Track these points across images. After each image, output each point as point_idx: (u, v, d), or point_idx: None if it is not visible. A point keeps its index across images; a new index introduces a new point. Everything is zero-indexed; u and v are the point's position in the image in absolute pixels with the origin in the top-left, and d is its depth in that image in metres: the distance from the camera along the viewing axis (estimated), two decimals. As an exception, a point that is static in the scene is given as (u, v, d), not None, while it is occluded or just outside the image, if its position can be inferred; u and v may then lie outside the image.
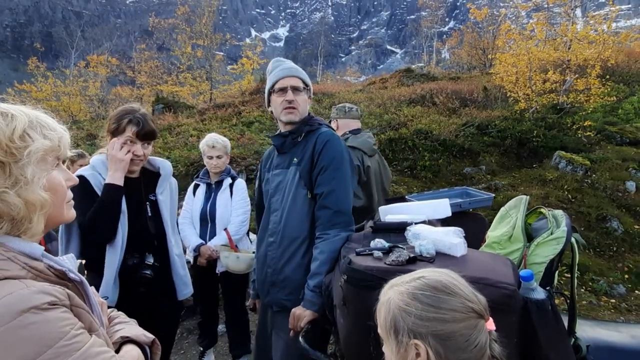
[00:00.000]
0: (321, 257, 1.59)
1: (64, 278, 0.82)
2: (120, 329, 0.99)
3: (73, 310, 0.77)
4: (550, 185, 7.08)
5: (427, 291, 0.85)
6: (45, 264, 0.79)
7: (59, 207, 0.85)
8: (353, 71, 57.69)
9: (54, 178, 0.83)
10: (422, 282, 0.87)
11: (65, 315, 0.73)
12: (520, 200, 1.66)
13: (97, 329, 0.82)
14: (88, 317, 0.81)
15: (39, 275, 0.77)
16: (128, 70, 26.04)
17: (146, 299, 1.76)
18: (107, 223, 1.70)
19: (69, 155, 0.89)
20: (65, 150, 0.86)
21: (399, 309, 0.85)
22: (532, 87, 9.91)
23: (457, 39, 28.14)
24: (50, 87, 18.43)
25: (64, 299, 0.75)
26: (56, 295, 0.74)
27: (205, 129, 10.96)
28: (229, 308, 3.07)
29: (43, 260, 0.80)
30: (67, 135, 0.87)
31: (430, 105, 12.39)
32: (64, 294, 0.76)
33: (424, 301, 0.83)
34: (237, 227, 2.90)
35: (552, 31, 11.56)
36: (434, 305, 0.83)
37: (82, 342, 0.74)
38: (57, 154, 0.84)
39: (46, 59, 31.61)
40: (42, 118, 0.83)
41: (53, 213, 0.83)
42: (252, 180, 7.25)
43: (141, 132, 1.78)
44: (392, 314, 0.86)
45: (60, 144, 0.84)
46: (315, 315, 1.55)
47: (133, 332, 0.98)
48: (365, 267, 1.27)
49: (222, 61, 23.72)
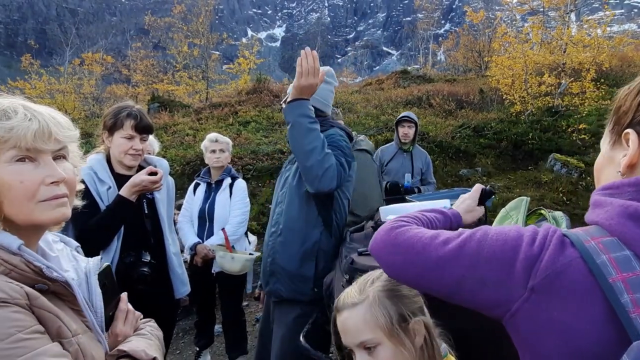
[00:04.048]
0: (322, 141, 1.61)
1: (43, 275, 0.75)
2: (126, 342, 0.94)
3: (34, 312, 0.71)
4: (545, 187, 7.14)
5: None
6: (23, 259, 0.73)
7: (19, 205, 0.76)
8: (349, 72, 57.78)
9: (3, 173, 0.74)
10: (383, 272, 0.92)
11: (15, 316, 0.66)
12: (521, 202, 1.66)
13: (67, 337, 0.75)
14: (56, 321, 0.74)
15: (13, 269, 0.71)
16: (123, 68, 25.86)
17: (144, 298, 1.74)
18: (111, 233, 1.70)
19: (48, 148, 0.79)
20: (24, 141, 0.75)
21: (391, 299, 0.88)
22: (527, 89, 9.99)
23: (453, 41, 28.28)
24: (44, 84, 18.20)
25: (19, 297, 0.68)
26: (8, 292, 0.67)
27: (201, 129, 10.91)
28: (225, 308, 3.05)
29: (23, 255, 0.74)
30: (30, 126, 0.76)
31: (427, 106, 12.45)
32: (19, 292, 0.69)
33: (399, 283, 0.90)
34: (235, 227, 2.89)
35: (547, 35, 11.66)
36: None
37: (29, 347, 0.65)
38: (11, 145, 0.74)
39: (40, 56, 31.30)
40: (8, 108, 0.75)
41: (11, 211, 0.75)
42: (249, 180, 7.23)
43: (139, 126, 1.78)
44: (388, 307, 0.87)
45: (9, 135, 0.74)
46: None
47: (133, 347, 0.91)
48: (368, 267, 1.27)
49: (218, 60, 23.65)
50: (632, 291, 0.55)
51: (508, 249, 0.65)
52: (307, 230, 1.71)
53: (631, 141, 0.64)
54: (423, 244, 0.73)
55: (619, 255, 0.59)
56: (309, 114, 1.57)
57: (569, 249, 0.62)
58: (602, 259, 0.59)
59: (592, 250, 0.61)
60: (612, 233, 0.62)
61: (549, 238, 0.64)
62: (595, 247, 0.61)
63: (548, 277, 0.61)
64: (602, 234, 0.63)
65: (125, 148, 1.76)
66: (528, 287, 0.62)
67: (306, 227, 1.71)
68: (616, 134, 0.69)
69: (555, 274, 0.60)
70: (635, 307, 0.54)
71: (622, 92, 0.70)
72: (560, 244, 0.63)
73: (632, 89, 0.67)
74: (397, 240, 0.77)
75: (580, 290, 0.59)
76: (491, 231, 0.69)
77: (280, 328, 1.74)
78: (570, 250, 0.62)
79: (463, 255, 0.68)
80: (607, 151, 0.72)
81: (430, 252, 0.71)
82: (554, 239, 0.64)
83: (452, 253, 0.69)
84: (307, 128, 1.55)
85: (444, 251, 0.70)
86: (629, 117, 0.66)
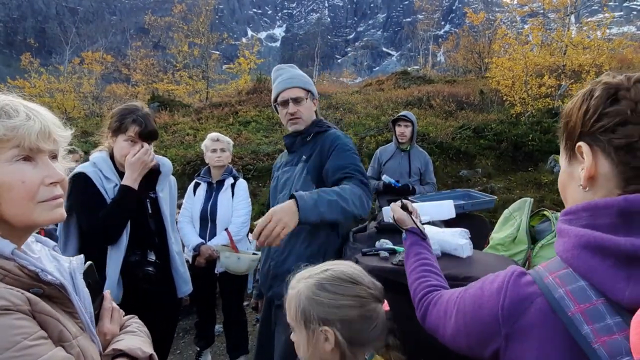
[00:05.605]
0: (329, 190, 1.52)
1: (38, 279, 0.74)
2: (119, 340, 0.92)
3: (36, 317, 0.70)
4: (545, 188, 7.15)
5: (334, 281, 0.94)
6: (16, 264, 0.72)
7: (19, 206, 0.74)
8: (349, 72, 57.78)
9: (3, 173, 0.72)
10: (329, 274, 0.96)
11: (19, 323, 0.66)
12: (525, 203, 1.67)
13: (69, 340, 0.74)
14: (57, 325, 0.73)
15: (7, 275, 0.70)
16: (123, 67, 25.84)
17: (148, 297, 1.74)
18: (121, 225, 1.70)
19: (47, 148, 0.78)
20: (28, 141, 0.74)
21: (309, 299, 0.93)
22: (528, 91, 10.01)
23: (453, 42, 28.31)
24: (44, 83, 18.16)
25: (21, 303, 0.67)
26: (10, 299, 0.66)
27: (201, 128, 10.91)
28: (227, 308, 3.04)
29: (16, 259, 0.72)
30: (33, 125, 0.75)
31: (427, 107, 12.46)
32: (21, 298, 0.68)
33: (332, 290, 0.93)
34: (239, 227, 2.87)
35: (547, 36, 11.69)
36: (341, 294, 0.92)
37: (36, 354, 0.65)
38: (13, 145, 0.73)
39: (39, 55, 31.24)
40: (9, 107, 0.74)
41: (10, 212, 0.74)
42: (250, 180, 7.23)
43: (143, 133, 1.78)
44: (302, 305, 0.94)
45: (13, 134, 0.72)
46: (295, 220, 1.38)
47: (129, 345, 0.90)
48: (372, 267, 1.27)
49: (218, 60, 23.64)
50: (591, 321, 0.56)
51: (477, 308, 0.72)
52: (312, 232, 1.68)
53: (585, 154, 0.64)
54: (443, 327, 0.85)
55: (574, 287, 0.59)
56: (312, 199, 1.43)
57: (531, 286, 0.64)
58: (560, 293, 0.60)
59: (550, 286, 0.62)
60: (568, 265, 0.62)
61: (505, 283, 0.68)
62: (552, 282, 0.62)
63: (513, 320, 0.64)
64: (559, 267, 0.64)
65: (126, 152, 1.77)
66: (502, 335, 0.65)
67: (311, 229, 1.68)
68: (570, 149, 0.69)
69: (518, 315, 0.63)
70: (597, 337, 0.55)
71: (567, 107, 0.71)
72: (518, 286, 0.66)
73: (575, 103, 0.69)
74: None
75: (545, 327, 0.60)
76: (467, 297, 0.77)
77: (285, 331, 1.73)
78: (532, 288, 0.64)
79: (459, 328, 0.77)
80: (565, 168, 0.72)
81: (446, 329, 0.83)
82: (511, 283, 0.67)
83: (456, 328, 0.78)
84: (325, 203, 1.44)
85: (451, 329, 0.80)
86: (577, 130, 0.66)
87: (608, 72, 0.69)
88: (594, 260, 0.58)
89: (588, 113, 0.64)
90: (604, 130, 0.62)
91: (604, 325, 0.55)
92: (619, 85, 0.63)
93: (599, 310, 0.56)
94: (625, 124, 0.60)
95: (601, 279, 0.57)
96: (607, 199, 0.60)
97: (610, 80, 0.65)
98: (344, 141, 1.72)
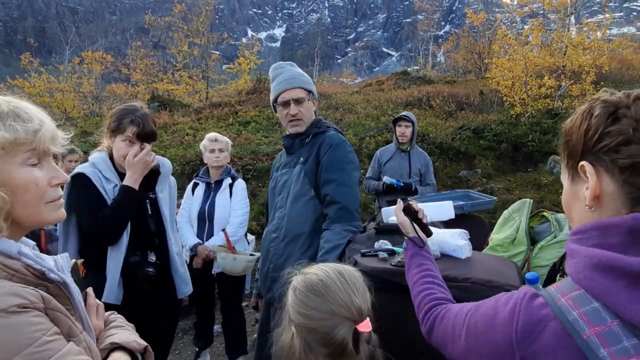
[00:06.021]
0: (327, 246, 1.57)
1: (44, 278, 0.76)
2: (113, 334, 0.94)
3: (49, 314, 0.72)
4: (545, 189, 7.15)
5: (303, 289, 0.96)
6: (22, 263, 0.74)
7: (31, 207, 0.77)
8: (349, 73, 57.75)
9: (20, 175, 0.74)
10: (305, 279, 0.97)
11: (37, 320, 0.68)
12: (524, 204, 1.67)
13: (77, 335, 0.77)
14: (67, 321, 0.76)
15: (15, 274, 0.71)
16: (123, 67, 25.81)
17: (148, 298, 1.74)
18: (121, 225, 1.70)
19: (55, 150, 0.82)
20: (43, 144, 0.77)
21: (290, 297, 0.98)
22: (527, 91, 10.01)
23: (453, 42, 28.31)
24: (44, 83, 18.13)
25: (37, 301, 0.70)
26: (27, 297, 0.68)
27: (201, 128, 10.91)
28: (225, 309, 3.04)
29: (21, 259, 0.74)
30: (48, 129, 0.78)
31: (427, 108, 12.46)
32: (37, 296, 0.70)
33: (299, 297, 0.95)
34: (236, 228, 2.88)
35: (547, 37, 11.69)
36: (304, 303, 0.94)
37: (55, 349, 0.68)
38: (29, 148, 0.75)
39: (39, 54, 31.18)
40: (20, 109, 0.76)
41: (22, 213, 0.76)
42: (249, 181, 7.22)
43: (141, 133, 1.77)
44: (288, 299, 0.98)
45: (32, 137, 0.75)
46: None
47: (124, 339, 0.92)
48: (371, 268, 1.27)
49: (218, 60, 23.64)
50: (608, 344, 0.55)
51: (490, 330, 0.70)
52: (313, 234, 1.67)
53: (589, 174, 0.63)
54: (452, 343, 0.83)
55: (588, 309, 0.58)
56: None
57: (544, 309, 0.63)
58: (574, 316, 0.59)
59: (563, 308, 0.60)
60: (581, 286, 0.61)
61: (517, 305, 0.66)
62: (565, 305, 0.61)
63: (527, 343, 0.62)
64: (571, 288, 0.62)
65: (124, 153, 1.76)
66: (518, 358, 0.64)
67: (311, 233, 1.68)
68: (572, 168, 0.68)
69: (533, 338, 0.62)
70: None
71: (567, 124, 0.70)
72: (530, 309, 0.64)
73: (575, 121, 0.67)
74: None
75: (561, 350, 0.59)
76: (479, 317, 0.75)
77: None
78: (545, 310, 0.63)
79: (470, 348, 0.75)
80: (569, 187, 0.71)
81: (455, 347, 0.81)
82: (523, 305, 0.65)
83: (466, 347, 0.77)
84: (330, 251, 1.56)
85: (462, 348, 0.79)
86: (579, 149, 0.65)
87: (605, 89, 0.68)
88: (607, 281, 0.57)
89: (589, 132, 0.63)
90: (607, 150, 0.61)
91: (620, 348, 0.54)
92: (618, 103, 0.62)
93: (614, 332, 0.55)
94: (629, 143, 0.59)
95: (615, 300, 0.56)
96: (615, 218, 0.59)
97: (609, 97, 0.64)
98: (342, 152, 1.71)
